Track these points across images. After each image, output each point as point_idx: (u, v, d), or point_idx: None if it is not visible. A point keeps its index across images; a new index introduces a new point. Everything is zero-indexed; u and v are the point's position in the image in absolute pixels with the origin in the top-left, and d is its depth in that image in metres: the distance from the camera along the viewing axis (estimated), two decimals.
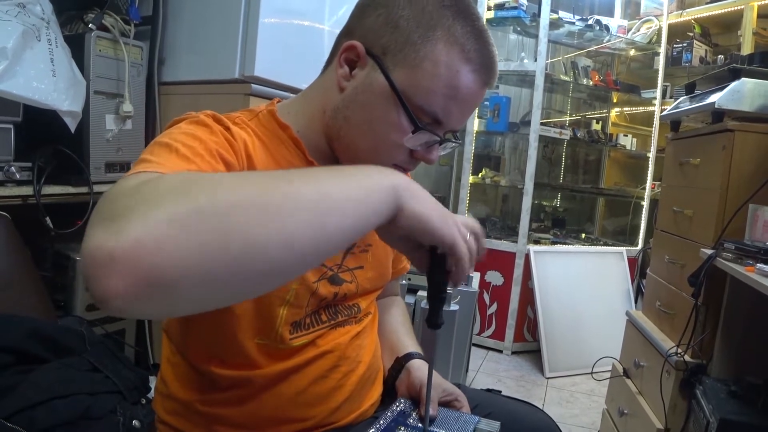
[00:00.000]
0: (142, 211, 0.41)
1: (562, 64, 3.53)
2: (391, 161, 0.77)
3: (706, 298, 1.54)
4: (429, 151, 0.78)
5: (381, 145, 0.76)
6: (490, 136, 3.67)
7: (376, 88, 0.73)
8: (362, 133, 0.76)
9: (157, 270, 0.40)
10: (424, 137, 0.75)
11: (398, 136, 0.74)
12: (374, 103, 0.74)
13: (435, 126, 0.75)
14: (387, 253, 0.95)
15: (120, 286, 0.39)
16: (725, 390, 1.39)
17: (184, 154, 0.61)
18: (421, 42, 0.72)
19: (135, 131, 1.78)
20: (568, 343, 2.96)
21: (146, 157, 0.59)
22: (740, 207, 1.45)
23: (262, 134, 0.79)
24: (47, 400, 1.19)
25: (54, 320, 1.53)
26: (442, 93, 0.72)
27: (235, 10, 1.69)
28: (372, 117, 0.75)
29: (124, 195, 0.45)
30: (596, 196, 3.92)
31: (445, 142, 0.79)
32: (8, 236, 1.46)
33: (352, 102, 0.76)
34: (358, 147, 0.77)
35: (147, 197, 0.44)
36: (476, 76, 0.74)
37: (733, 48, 3.10)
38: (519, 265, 3.10)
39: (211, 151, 0.65)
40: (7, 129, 1.46)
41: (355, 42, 0.75)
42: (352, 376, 0.87)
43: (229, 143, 0.69)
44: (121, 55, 1.69)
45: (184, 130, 0.67)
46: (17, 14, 1.40)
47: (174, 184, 0.46)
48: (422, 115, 0.73)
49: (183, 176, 0.49)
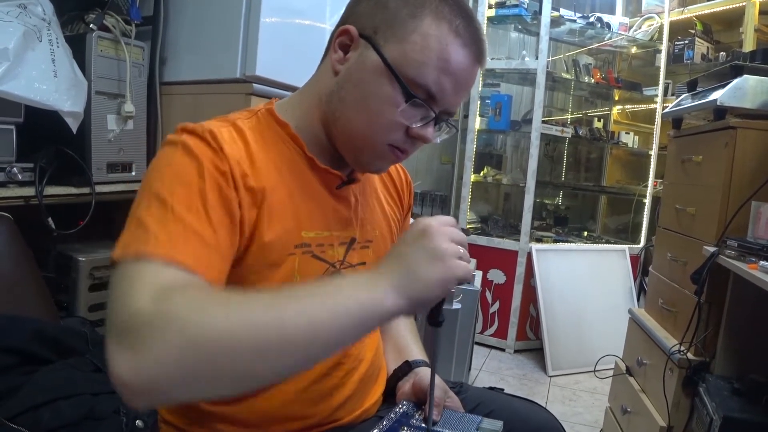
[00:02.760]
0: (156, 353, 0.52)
1: (564, 61, 3.52)
2: (387, 140, 0.78)
3: (709, 296, 1.53)
4: (425, 129, 0.78)
5: (376, 122, 0.76)
6: (491, 135, 3.67)
7: (369, 65, 0.75)
8: (357, 111, 0.77)
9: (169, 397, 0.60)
10: (418, 111, 0.76)
11: (392, 110, 0.75)
12: (368, 79, 0.76)
13: (429, 101, 0.76)
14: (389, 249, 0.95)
15: (140, 406, 0.55)
16: (728, 388, 1.39)
17: (181, 218, 0.63)
18: (410, 18, 0.74)
19: (137, 131, 1.78)
20: (571, 341, 2.96)
21: (144, 218, 0.63)
22: (743, 204, 1.44)
23: (261, 132, 0.79)
24: (51, 401, 1.20)
25: (57, 321, 1.53)
26: (434, 65, 0.73)
27: (236, 10, 1.69)
28: (366, 93, 0.76)
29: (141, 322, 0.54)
30: (598, 194, 3.91)
31: (441, 120, 0.79)
32: (11, 237, 1.46)
33: (346, 82, 0.78)
34: (353, 127, 0.78)
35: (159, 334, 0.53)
36: (466, 51, 0.75)
37: (735, 45, 3.09)
38: (521, 264, 3.10)
39: (206, 202, 0.66)
40: (8, 130, 1.46)
41: (348, 26, 0.78)
42: (355, 374, 0.87)
43: (221, 174, 0.69)
44: (122, 56, 1.69)
45: (176, 170, 0.67)
46: (18, 15, 1.40)
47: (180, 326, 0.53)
48: (415, 88, 0.74)
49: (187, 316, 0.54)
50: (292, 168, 0.80)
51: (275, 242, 0.75)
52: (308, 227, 0.80)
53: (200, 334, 0.53)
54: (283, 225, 0.76)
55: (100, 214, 1.64)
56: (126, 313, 0.55)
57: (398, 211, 1.02)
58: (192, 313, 0.54)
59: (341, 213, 0.85)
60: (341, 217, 0.85)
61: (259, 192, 0.74)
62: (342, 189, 0.85)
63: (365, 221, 0.90)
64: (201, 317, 0.54)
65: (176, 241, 0.62)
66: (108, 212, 1.72)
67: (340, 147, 0.81)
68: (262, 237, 0.74)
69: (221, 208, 0.68)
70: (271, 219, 0.75)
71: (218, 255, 0.67)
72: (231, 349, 0.53)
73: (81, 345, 1.41)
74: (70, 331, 1.44)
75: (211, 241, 0.65)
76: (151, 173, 0.69)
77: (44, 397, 1.19)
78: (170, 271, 0.59)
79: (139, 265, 0.59)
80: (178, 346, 0.52)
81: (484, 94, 3.34)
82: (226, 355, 0.53)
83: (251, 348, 0.54)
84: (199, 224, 0.65)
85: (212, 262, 0.65)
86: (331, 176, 0.84)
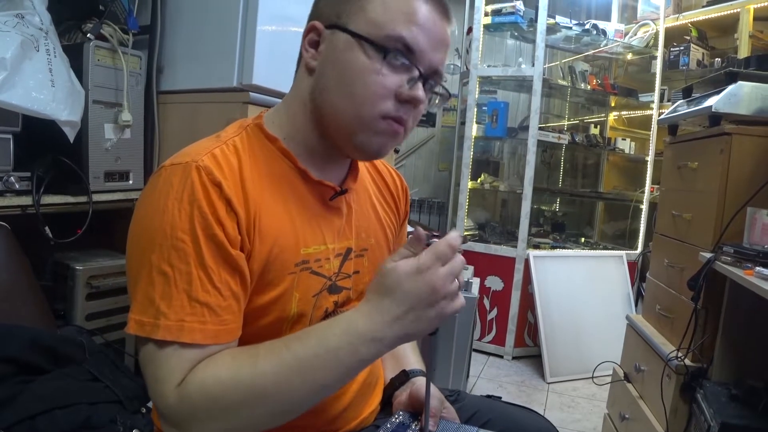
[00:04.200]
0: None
1: (560, 68, 3.54)
2: (378, 112, 0.75)
3: (706, 302, 1.54)
4: (414, 90, 0.75)
5: (360, 95, 0.74)
6: (488, 142, 3.68)
7: (341, 46, 0.75)
8: (340, 92, 0.75)
9: None
10: (400, 73, 0.75)
11: (373, 77, 0.73)
12: (342, 58, 0.75)
13: (408, 57, 0.75)
14: (384, 258, 0.95)
15: None
16: (726, 393, 1.39)
17: (187, 293, 0.67)
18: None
19: (134, 140, 1.78)
20: (569, 348, 2.96)
21: (150, 293, 0.67)
22: (738, 210, 1.45)
23: (251, 150, 0.78)
24: (48, 411, 1.19)
25: (54, 330, 1.53)
26: (400, 20, 0.73)
27: (232, 19, 1.70)
28: (343, 71, 0.75)
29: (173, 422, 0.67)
30: (595, 200, 3.92)
31: (429, 80, 0.78)
32: (8, 246, 1.46)
33: (323, 72, 0.77)
34: (341, 109, 0.76)
35: None
36: (429, 5, 0.75)
37: (730, 51, 3.11)
38: (519, 270, 3.10)
39: (206, 270, 0.68)
40: (6, 139, 1.47)
41: (313, 22, 0.79)
42: (353, 384, 0.87)
43: (217, 220, 0.69)
44: (119, 65, 1.69)
45: (171, 234, 0.67)
46: (16, 25, 1.41)
47: None
48: (389, 43, 0.73)
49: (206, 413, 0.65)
50: (285, 184, 0.79)
51: (274, 263, 0.75)
52: (306, 243, 0.79)
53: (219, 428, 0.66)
54: (281, 245, 0.76)
55: (98, 222, 1.64)
56: (162, 404, 0.66)
57: (394, 217, 1.01)
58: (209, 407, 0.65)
59: (336, 224, 0.85)
60: (336, 229, 0.85)
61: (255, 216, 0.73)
62: (336, 201, 0.85)
63: (360, 229, 0.90)
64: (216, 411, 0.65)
65: (184, 321, 0.66)
66: (105, 221, 1.72)
67: (337, 138, 0.79)
68: (262, 258, 0.74)
69: (224, 269, 0.69)
70: (268, 239, 0.74)
71: (230, 312, 0.70)
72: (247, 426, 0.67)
73: (78, 354, 1.40)
74: (67, 340, 1.44)
75: (219, 305, 0.68)
76: (145, 232, 0.69)
77: (41, 407, 1.19)
78: (187, 354, 0.66)
79: (158, 352, 0.66)
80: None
81: (481, 101, 3.35)
82: None
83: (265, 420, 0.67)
84: (204, 295, 0.67)
85: (224, 322, 0.69)
86: (325, 188, 0.83)
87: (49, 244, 1.58)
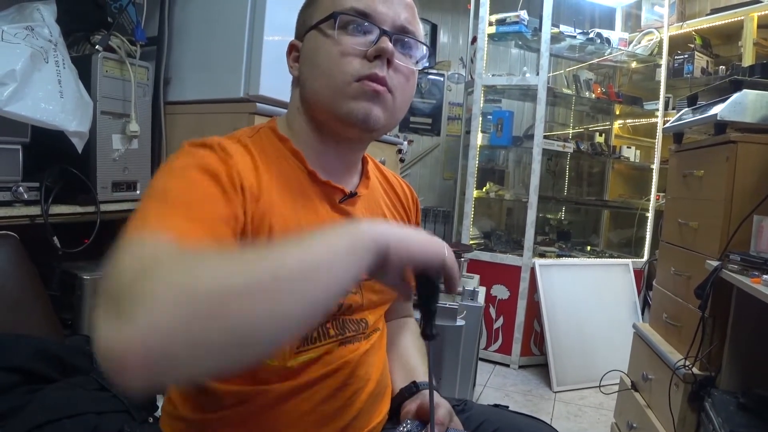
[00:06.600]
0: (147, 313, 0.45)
1: (564, 77, 3.55)
2: (350, 77, 0.77)
3: (713, 310, 1.53)
4: (379, 44, 0.78)
5: (327, 67, 0.79)
6: (493, 150, 3.69)
7: (309, 43, 0.83)
8: (314, 75, 0.81)
9: (167, 367, 0.45)
10: (359, 35, 0.79)
11: (334, 47, 0.78)
12: (311, 49, 0.82)
13: (364, 19, 0.79)
14: None
15: (137, 385, 0.44)
16: (734, 402, 1.38)
17: (173, 201, 0.64)
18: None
19: (141, 150, 1.80)
20: (576, 357, 2.95)
21: (140, 210, 0.62)
22: (745, 218, 1.45)
23: (263, 149, 0.81)
24: (55, 420, 1.19)
25: (61, 340, 1.53)
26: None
27: (239, 30, 1.71)
28: (313, 58, 0.81)
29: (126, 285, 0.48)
30: (601, 209, 3.92)
31: (393, 35, 0.80)
32: (16, 256, 1.47)
33: (302, 72, 0.84)
34: (318, 91, 0.80)
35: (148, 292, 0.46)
36: None
37: (735, 58, 3.11)
38: (525, 279, 3.09)
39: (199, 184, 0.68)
40: (15, 150, 1.48)
41: (291, 41, 0.89)
42: (362, 394, 0.87)
43: (227, 175, 0.71)
44: (127, 76, 1.71)
45: (176, 166, 0.69)
46: (26, 37, 1.42)
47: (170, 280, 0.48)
48: (342, 16, 0.78)
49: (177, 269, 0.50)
50: (294, 184, 0.81)
51: None
52: None
53: (191, 283, 0.47)
54: None
55: (105, 232, 1.65)
56: (110, 283, 0.50)
57: None
58: (181, 266, 0.50)
59: None
60: None
61: (265, 206, 0.74)
62: (346, 204, 0.86)
63: None
64: (190, 269, 0.50)
65: (164, 216, 0.61)
66: (113, 231, 1.73)
67: (326, 121, 0.82)
68: None
69: (215, 187, 0.69)
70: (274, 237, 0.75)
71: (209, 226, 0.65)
72: (225, 294, 0.47)
73: (85, 364, 1.41)
74: (75, 349, 1.44)
75: (199, 215, 0.64)
76: (154, 176, 0.71)
77: (48, 417, 1.19)
78: (158, 240, 0.56)
79: (128, 244, 0.55)
80: (169, 301, 0.45)
81: (486, 110, 3.36)
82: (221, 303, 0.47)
83: (246, 290, 0.48)
84: (191, 199, 0.66)
85: (205, 231, 0.63)
86: (333, 190, 0.85)
87: (57, 253, 1.59)
